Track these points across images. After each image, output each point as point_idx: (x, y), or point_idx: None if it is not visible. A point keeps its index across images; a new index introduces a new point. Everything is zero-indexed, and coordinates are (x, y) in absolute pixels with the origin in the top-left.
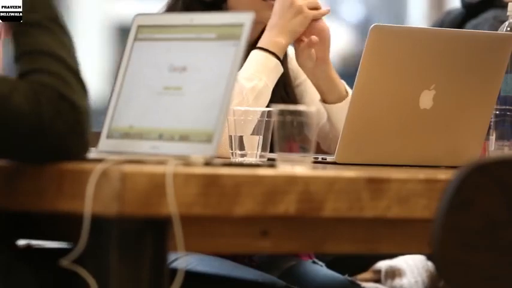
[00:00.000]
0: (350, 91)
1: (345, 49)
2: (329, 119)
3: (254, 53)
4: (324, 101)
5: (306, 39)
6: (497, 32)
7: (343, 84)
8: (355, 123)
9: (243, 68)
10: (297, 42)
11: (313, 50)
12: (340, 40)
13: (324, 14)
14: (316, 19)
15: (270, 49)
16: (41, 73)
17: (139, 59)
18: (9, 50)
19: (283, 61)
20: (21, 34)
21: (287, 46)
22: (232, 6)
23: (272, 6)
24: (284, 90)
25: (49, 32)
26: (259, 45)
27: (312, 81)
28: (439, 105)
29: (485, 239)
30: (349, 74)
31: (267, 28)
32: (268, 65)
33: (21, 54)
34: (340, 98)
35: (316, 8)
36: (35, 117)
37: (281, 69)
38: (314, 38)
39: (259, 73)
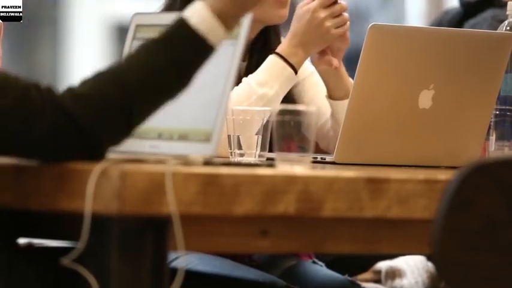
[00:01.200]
0: None
1: None
2: (333, 115)
3: (272, 59)
4: (330, 96)
5: (329, 54)
6: (497, 31)
7: (351, 82)
8: (354, 123)
9: (257, 71)
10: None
11: (337, 62)
12: None
13: (342, 33)
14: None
15: (288, 59)
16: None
17: None
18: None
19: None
20: None
21: (305, 60)
22: None
23: (281, 3)
24: None
25: None
26: (279, 51)
27: (321, 77)
28: (439, 105)
29: (485, 240)
30: None
31: (290, 34)
32: (283, 74)
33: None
34: (347, 95)
35: (343, 23)
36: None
37: (295, 79)
38: (336, 64)
39: (272, 81)
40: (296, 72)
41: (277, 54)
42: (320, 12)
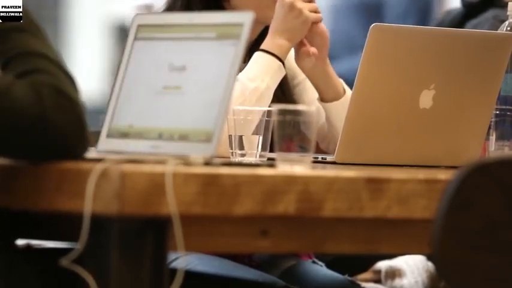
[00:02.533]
0: (348, 90)
1: None
2: (327, 117)
3: (257, 55)
4: (321, 99)
5: (307, 44)
6: (497, 31)
7: (340, 82)
8: (355, 123)
9: (246, 68)
10: (298, 44)
11: (315, 50)
12: None
13: (322, 18)
14: (315, 22)
15: (273, 52)
16: (37, 72)
17: (139, 58)
18: None
19: None
20: (2, 40)
21: (290, 49)
22: (236, 5)
23: None
24: (280, 89)
25: (28, 33)
26: (262, 47)
27: (310, 79)
28: (439, 105)
29: (485, 239)
30: None
31: (270, 31)
32: (272, 67)
33: (9, 58)
34: (338, 96)
35: (315, 12)
36: (37, 110)
37: (284, 72)
38: (314, 50)
39: (262, 74)
40: (283, 64)
41: (262, 50)
42: (298, 3)
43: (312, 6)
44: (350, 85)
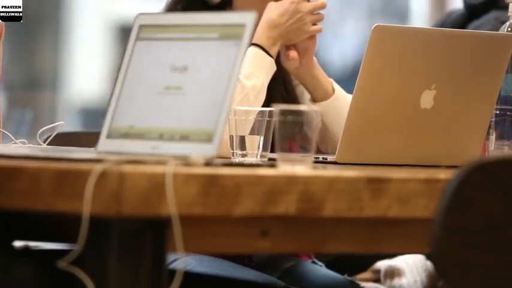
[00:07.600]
0: (338, 89)
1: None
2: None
3: (251, 50)
4: (312, 99)
5: (291, 47)
6: (498, 32)
7: (330, 82)
8: (356, 123)
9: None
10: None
11: (296, 55)
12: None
13: (319, 31)
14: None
15: (266, 48)
16: None
17: (141, 58)
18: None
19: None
20: None
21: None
22: (239, 8)
23: None
24: (284, 88)
25: None
26: (256, 41)
27: (298, 80)
28: (440, 105)
29: (485, 239)
30: None
31: (266, 22)
32: (265, 64)
33: None
34: (326, 96)
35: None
36: None
37: (275, 68)
38: (294, 55)
39: (257, 71)
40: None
41: (258, 45)
42: (304, 5)
43: (319, 18)
44: None
